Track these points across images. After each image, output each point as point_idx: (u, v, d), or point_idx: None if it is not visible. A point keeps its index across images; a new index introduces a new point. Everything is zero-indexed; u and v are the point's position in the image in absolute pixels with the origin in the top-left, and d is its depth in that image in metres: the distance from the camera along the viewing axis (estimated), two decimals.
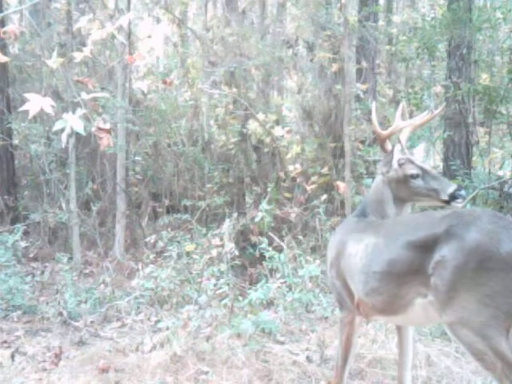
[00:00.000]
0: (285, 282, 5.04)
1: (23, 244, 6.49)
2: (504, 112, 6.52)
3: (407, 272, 2.85)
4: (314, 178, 6.84)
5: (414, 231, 2.91)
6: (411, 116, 6.79)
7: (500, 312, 2.66)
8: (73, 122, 2.65)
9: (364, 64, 7.97)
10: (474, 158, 6.95)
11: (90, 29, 3.50)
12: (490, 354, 2.66)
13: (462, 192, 3.17)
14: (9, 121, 7.46)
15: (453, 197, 3.14)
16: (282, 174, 7.04)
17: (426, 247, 2.79)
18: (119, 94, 6.77)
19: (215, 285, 4.89)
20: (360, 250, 3.09)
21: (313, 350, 4.24)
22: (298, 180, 6.91)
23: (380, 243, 3.01)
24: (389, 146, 3.44)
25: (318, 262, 5.19)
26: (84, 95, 2.87)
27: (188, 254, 5.47)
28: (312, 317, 4.89)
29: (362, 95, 7.27)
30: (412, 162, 3.30)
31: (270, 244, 5.36)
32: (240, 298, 4.84)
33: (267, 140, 7.20)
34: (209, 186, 7.01)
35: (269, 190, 6.54)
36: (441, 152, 7.37)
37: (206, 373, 3.91)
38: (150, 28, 12.52)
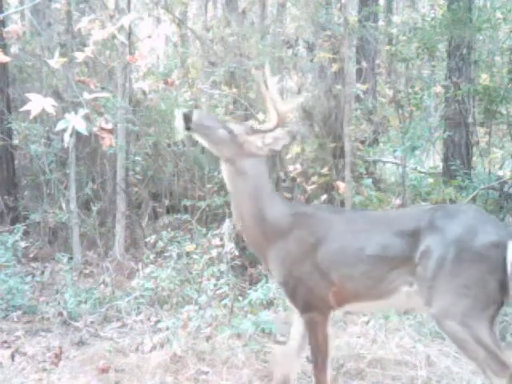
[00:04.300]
0: None
1: (23, 244, 6.46)
2: (504, 112, 6.53)
3: (399, 258, 2.97)
4: (314, 178, 6.84)
5: (406, 220, 3.07)
6: (411, 116, 6.86)
7: (477, 302, 2.81)
8: (75, 122, 2.66)
9: (364, 64, 7.97)
10: (474, 158, 6.96)
11: (90, 29, 3.49)
12: (472, 343, 2.79)
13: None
14: (9, 121, 7.45)
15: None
16: (281, 174, 7.04)
17: (414, 237, 2.93)
18: (119, 94, 6.76)
19: (215, 285, 4.89)
20: (349, 236, 3.15)
21: None
22: (298, 180, 6.90)
23: (374, 229, 3.11)
24: None
25: None
26: (86, 95, 2.87)
27: (188, 254, 5.46)
28: None
29: (362, 95, 7.27)
30: None
31: None
32: (240, 298, 4.84)
33: None
34: (209, 186, 7.01)
35: None
36: (441, 152, 7.38)
37: (206, 373, 3.91)
38: (151, 28, 12.54)
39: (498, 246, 2.81)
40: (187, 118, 3.23)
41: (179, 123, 3.25)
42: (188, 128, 3.23)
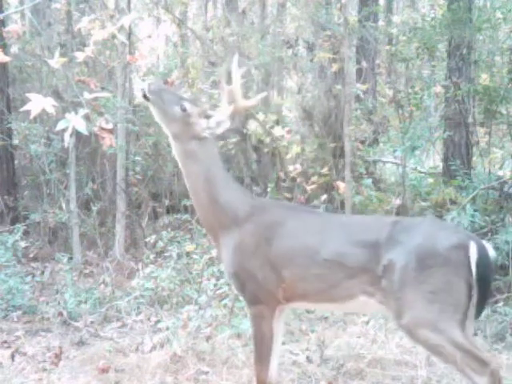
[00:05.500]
0: None
1: (23, 244, 6.47)
2: (504, 112, 6.51)
3: (356, 267, 2.95)
4: (314, 178, 6.86)
5: (365, 231, 3.05)
6: (411, 116, 6.86)
7: (447, 306, 2.83)
8: (75, 122, 2.66)
9: (364, 64, 7.98)
10: (474, 158, 6.94)
11: (90, 29, 3.51)
12: (447, 347, 2.78)
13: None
14: (9, 121, 7.45)
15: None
16: (281, 174, 7.05)
17: (374, 249, 2.93)
18: (119, 94, 6.77)
19: (215, 285, 4.90)
20: (307, 236, 3.11)
21: (313, 350, 4.24)
22: (298, 180, 6.92)
23: (333, 234, 3.09)
24: None
25: None
26: (86, 95, 2.88)
27: (188, 254, 5.47)
28: (312, 317, 4.89)
29: (362, 95, 7.28)
30: None
31: None
32: (240, 298, 4.84)
33: (267, 140, 7.20)
34: None
35: (269, 190, 6.54)
36: (441, 152, 7.37)
37: (206, 373, 3.91)
38: (151, 28, 12.55)
39: (460, 247, 2.85)
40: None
41: (138, 91, 3.30)
42: (145, 97, 3.27)
